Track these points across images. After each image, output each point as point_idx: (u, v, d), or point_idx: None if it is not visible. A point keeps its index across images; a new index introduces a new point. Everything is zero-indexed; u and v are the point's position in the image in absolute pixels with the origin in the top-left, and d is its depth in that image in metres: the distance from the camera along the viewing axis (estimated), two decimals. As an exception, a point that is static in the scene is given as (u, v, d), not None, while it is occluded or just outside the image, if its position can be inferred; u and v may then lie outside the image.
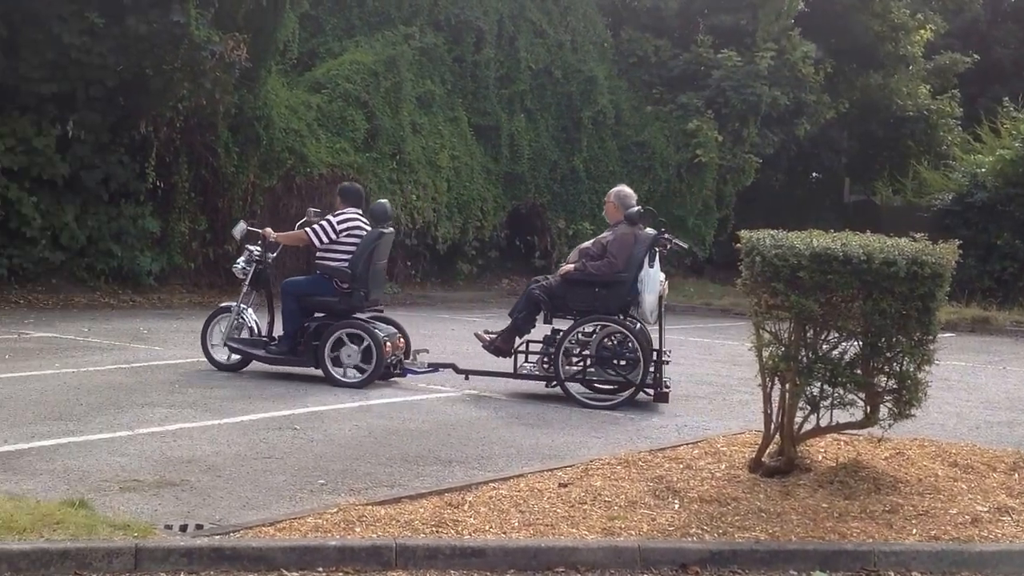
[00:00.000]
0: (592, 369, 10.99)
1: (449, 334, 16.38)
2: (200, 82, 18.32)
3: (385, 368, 11.32)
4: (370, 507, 6.47)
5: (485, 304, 23.03)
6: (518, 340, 11.34)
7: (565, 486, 7.18)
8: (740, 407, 10.90)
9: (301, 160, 21.65)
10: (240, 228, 12.31)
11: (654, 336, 11.07)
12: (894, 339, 7.14)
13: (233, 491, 6.92)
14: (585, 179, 26.86)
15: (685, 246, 13.27)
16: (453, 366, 11.54)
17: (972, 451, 8.51)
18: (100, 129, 18.60)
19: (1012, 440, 9.60)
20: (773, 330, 7.32)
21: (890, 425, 7.46)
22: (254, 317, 11.89)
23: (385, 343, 11.19)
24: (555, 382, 10.98)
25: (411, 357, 11.78)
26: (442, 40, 25.29)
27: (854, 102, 30.95)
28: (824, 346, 7.29)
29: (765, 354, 7.34)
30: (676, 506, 6.83)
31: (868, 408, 7.39)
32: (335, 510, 6.38)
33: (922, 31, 31.62)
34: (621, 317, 10.94)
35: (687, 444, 8.74)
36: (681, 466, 7.80)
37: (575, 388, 10.90)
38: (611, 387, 11.01)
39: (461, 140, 25.20)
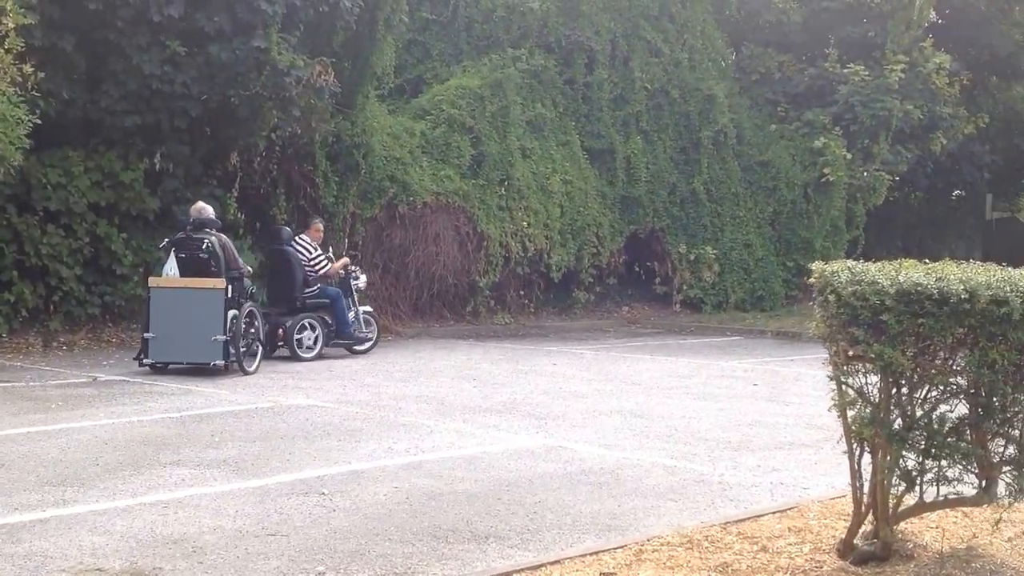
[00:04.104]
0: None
1: (550, 370, 15.25)
2: (289, 109, 17.61)
3: None
4: (354, 609, 5.38)
5: (602, 333, 21.86)
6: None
7: (606, 576, 6.00)
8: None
9: (404, 188, 20.91)
10: None
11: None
12: (1010, 397, 5.76)
13: (213, 581, 5.91)
14: (706, 202, 25.61)
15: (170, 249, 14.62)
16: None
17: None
18: (190, 162, 18.05)
19: None
20: (857, 386, 6.00)
21: (1010, 503, 6.02)
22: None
23: None
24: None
25: None
26: (553, 62, 24.30)
27: (996, 115, 29.17)
28: (924, 406, 5.93)
29: (849, 415, 6.03)
30: (734, 607, 5.58)
31: (982, 482, 6.01)
32: (307, 615, 5.29)
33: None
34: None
35: (773, 513, 7.42)
36: (755, 548, 6.49)
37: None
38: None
39: (574, 164, 24.13)
